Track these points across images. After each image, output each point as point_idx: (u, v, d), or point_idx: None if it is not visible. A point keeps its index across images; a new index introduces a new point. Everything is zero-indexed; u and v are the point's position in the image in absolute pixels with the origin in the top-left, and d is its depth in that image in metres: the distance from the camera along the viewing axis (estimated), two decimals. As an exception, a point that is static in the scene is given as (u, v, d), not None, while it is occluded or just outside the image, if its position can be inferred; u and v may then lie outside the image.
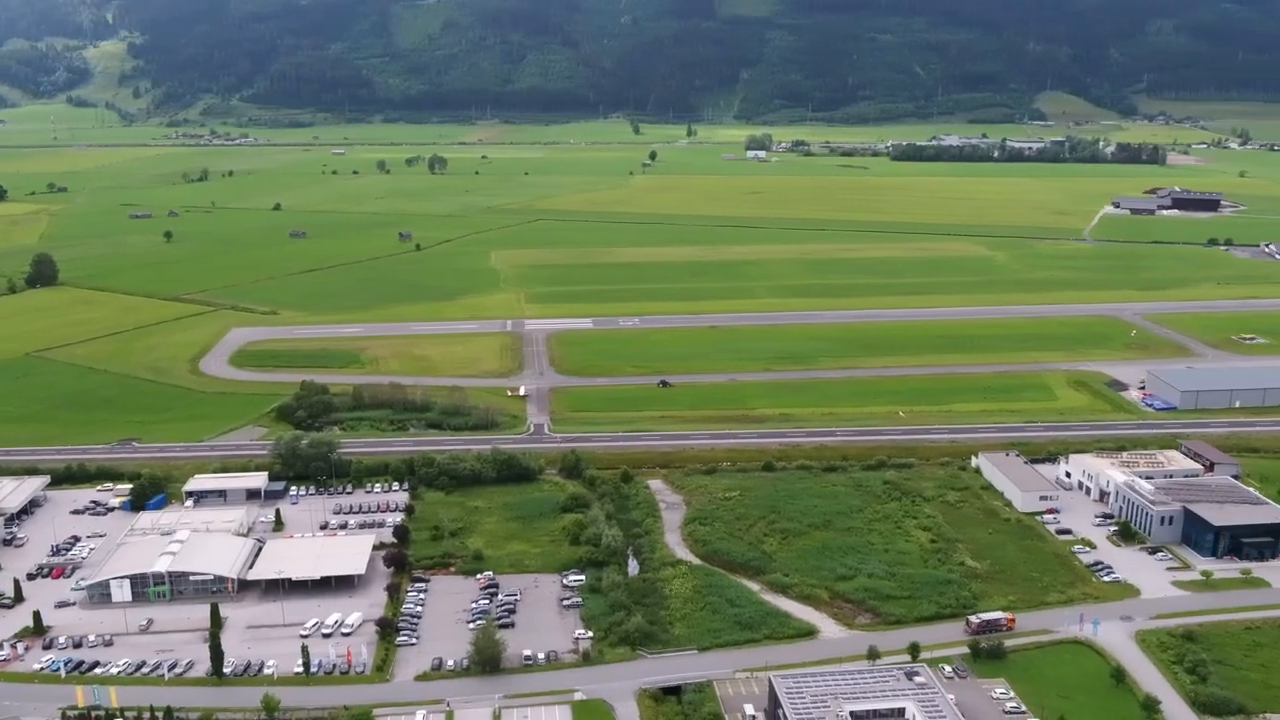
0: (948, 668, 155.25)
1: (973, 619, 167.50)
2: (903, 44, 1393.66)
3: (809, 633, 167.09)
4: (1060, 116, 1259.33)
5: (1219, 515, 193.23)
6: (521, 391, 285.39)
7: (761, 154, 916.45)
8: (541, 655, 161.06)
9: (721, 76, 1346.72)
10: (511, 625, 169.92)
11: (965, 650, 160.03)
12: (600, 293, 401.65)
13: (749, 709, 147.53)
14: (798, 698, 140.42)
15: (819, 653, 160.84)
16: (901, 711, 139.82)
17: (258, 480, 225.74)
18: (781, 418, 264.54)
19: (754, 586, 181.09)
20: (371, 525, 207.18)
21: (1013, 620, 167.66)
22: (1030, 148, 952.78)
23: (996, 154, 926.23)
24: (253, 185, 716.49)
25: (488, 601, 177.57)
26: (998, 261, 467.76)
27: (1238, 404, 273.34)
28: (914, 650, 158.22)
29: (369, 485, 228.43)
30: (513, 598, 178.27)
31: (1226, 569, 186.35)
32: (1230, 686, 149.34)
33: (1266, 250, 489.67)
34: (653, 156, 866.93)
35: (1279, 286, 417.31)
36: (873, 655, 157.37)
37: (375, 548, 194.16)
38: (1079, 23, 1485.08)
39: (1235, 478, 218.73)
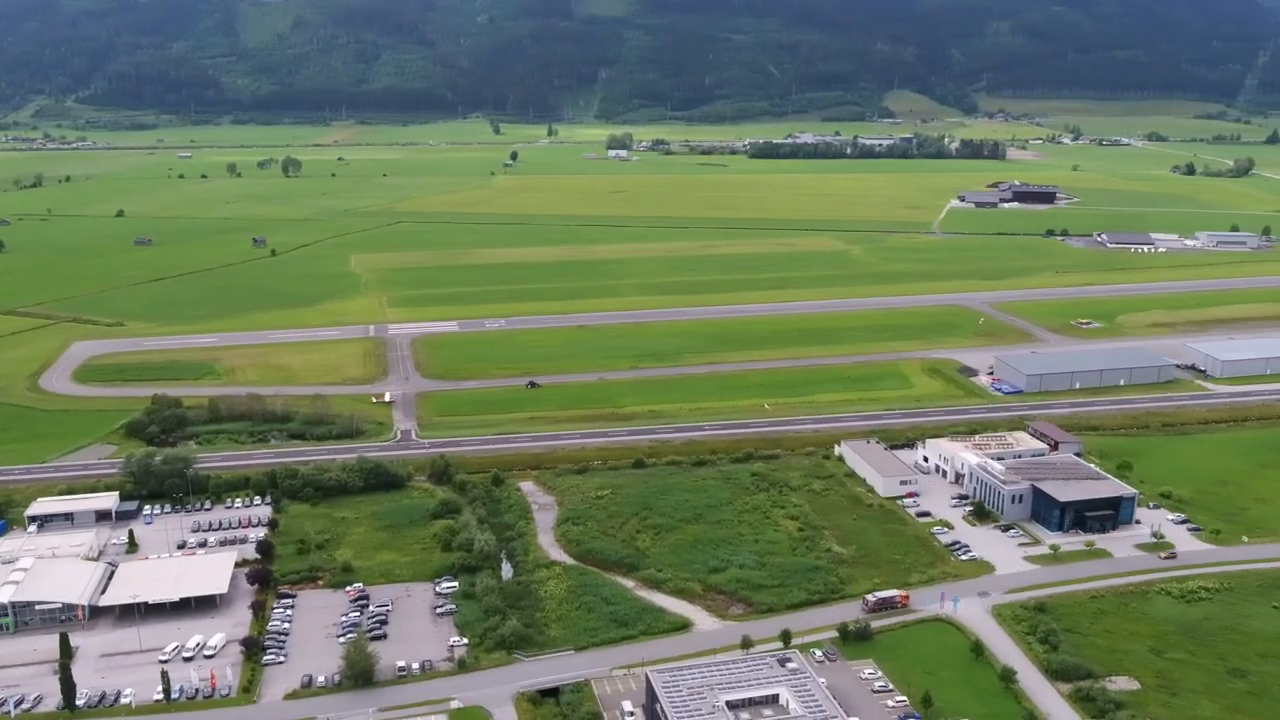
0: (818, 652, 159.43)
1: (869, 597, 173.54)
2: (756, 44, 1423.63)
3: (683, 626, 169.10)
4: (908, 114, 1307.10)
5: (1064, 491, 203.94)
6: (387, 398, 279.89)
7: (623, 153, 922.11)
8: (416, 665, 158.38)
9: (580, 76, 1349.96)
10: (384, 637, 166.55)
11: (835, 634, 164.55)
12: (465, 295, 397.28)
13: (627, 705, 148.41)
14: (674, 691, 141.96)
15: (694, 645, 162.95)
16: (776, 697, 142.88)
17: (108, 501, 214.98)
18: (651, 415, 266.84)
19: (628, 583, 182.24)
20: (233, 542, 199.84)
21: (906, 598, 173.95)
22: (881, 144, 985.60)
23: (849, 151, 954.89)
24: (93, 191, 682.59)
25: (359, 614, 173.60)
26: (853, 255, 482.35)
27: (1078, 385, 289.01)
28: (786, 637, 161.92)
29: (229, 501, 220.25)
30: (384, 608, 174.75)
31: (1072, 542, 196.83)
32: (1079, 652, 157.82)
33: (1099, 240, 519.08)
34: (514, 156, 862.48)
35: (1110, 274, 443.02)
36: (746, 644, 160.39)
37: (238, 565, 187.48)
38: (923, 24, 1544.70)
39: (1078, 455, 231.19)
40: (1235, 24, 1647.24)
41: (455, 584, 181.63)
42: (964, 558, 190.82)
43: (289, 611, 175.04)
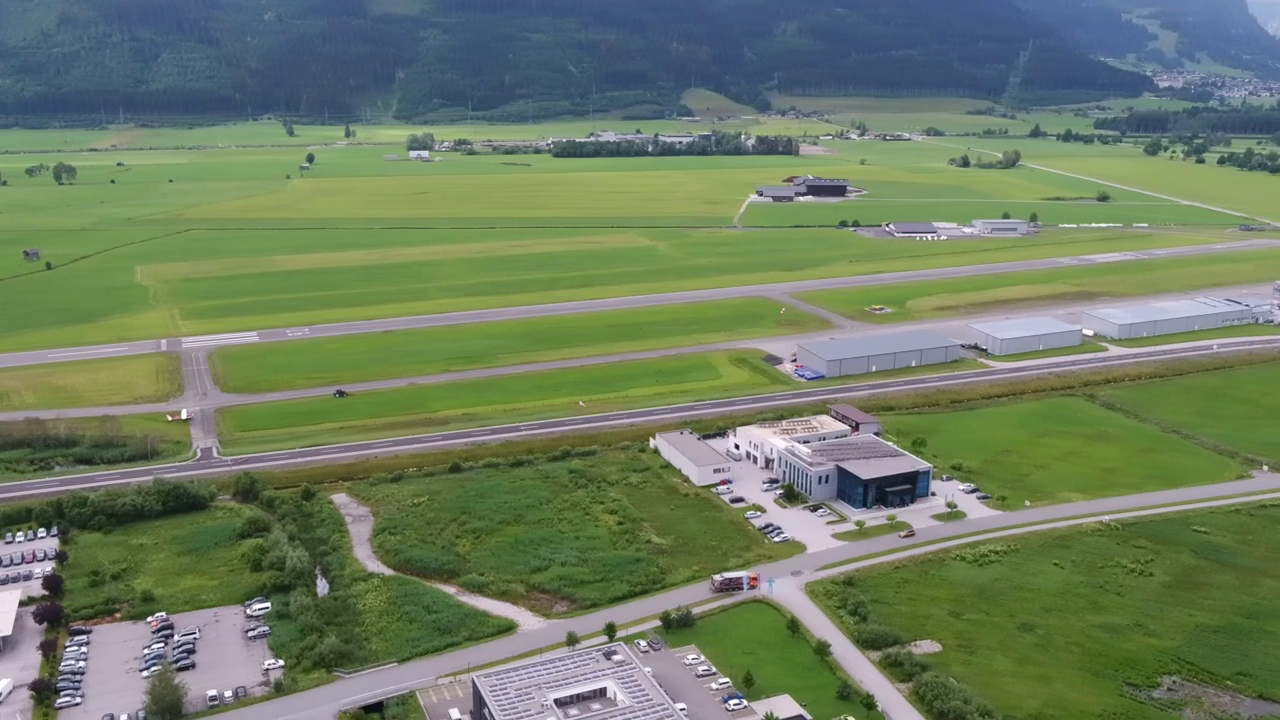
0: (643, 642, 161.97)
1: (716, 578, 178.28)
2: (555, 43, 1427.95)
3: (508, 628, 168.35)
4: (705, 112, 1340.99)
5: (866, 469, 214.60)
6: (183, 415, 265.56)
7: (424, 154, 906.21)
8: (229, 693, 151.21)
9: (377, 75, 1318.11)
10: (192, 666, 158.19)
11: (658, 623, 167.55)
12: (265, 304, 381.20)
13: (455, 713, 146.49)
14: (501, 694, 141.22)
15: (520, 646, 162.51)
16: (604, 691, 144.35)
17: None
18: (465, 418, 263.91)
19: (450, 590, 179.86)
20: (16, 579, 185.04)
21: (755, 579, 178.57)
22: (681, 142, 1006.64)
23: (651, 149, 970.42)
24: None
25: (163, 645, 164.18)
26: (660, 251, 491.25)
27: (874, 368, 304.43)
28: (610, 630, 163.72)
29: (9, 535, 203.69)
30: (191, 637, 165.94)
31: (875, 517, 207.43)
32: (886, 621, 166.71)
33: (887, 230, 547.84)
34: (310, 159, 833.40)
35: (899, 261, 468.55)
36: (572, 641, 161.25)
37: (23, 603, 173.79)
38: (716, 24, 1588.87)
39: (877, 434, 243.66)
40: (999, 26, 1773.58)
41: (268, 605, 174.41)
42: (777, 539, 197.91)
43: (84, 649, 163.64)
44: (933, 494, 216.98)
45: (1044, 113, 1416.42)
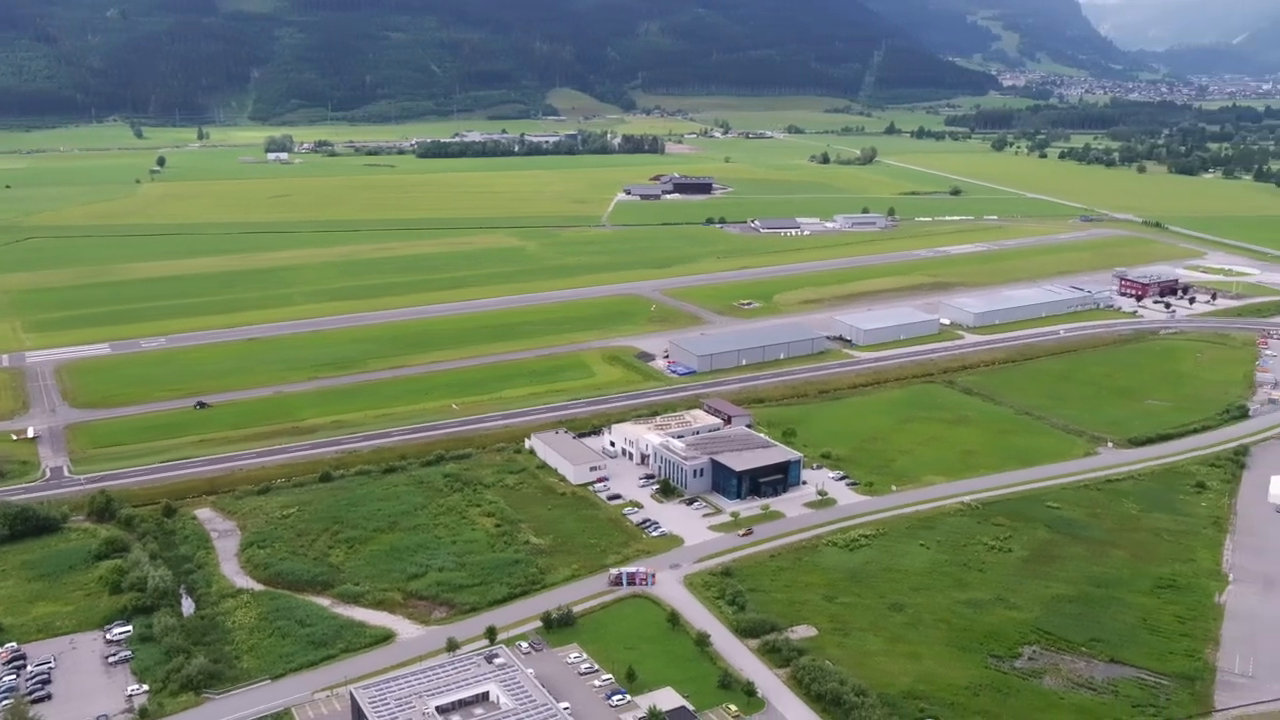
0: (524, 644, 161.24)
1: (613, 571, 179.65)
2: (416, 42, 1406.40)
3: (386, 638, 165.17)
4: (571, 112, 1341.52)
5: (739, 461, 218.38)
6: (30, 433, 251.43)
7: (283, 156, 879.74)
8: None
9: (230, 75, 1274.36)
10: (48, 698, 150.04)
11: (539, 624, 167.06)
12: (117, 314, 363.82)
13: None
14: (381, 705, 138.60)
15: (399, 655, 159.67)
16: (486, 695, 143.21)
17: None
18: (335, 425, 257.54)
19: (324, 602, 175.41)
20: None
21: (651, 574, 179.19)
22: (547, 141, 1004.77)
23: (517, 148, 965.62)
24: None
25: (14, 677, 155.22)
26: (529, 251, 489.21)
27: (744, 362, 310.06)
28: (491, 634, 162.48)
29: None
30: (46, 666, 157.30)
31: (750, 508, 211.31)
32: (764, 609, 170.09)
33: (752, 225, 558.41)
34: (161, 162, 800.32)
35: (765, 257, 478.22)
36: (452, 646, 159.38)
37: None
38: (579, 23, 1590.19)
39: (749, 426, 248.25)
40: (853, 27, 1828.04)
41: (129, 628, 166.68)
42: (655, 534, 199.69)
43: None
44: (804, 482, 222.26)
45: (898, 111, 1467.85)
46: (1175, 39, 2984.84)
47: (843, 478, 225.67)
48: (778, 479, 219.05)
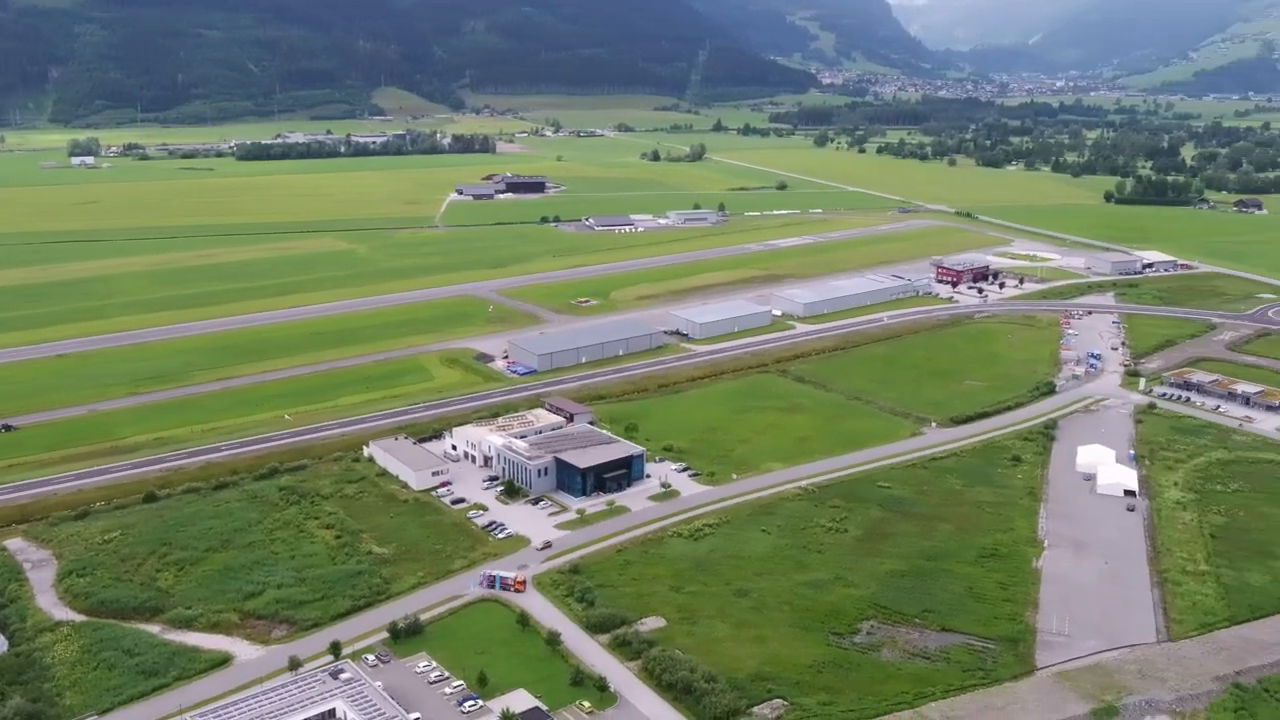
0: (371, 656, 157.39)
1: (485, 574, 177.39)
2: (231, 40, 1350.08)
3: (223, 661, 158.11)
4: (398, 111, 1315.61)
5: (583, 458, 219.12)
6: None
7: (90, 160, 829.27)
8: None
9: (26, 75, 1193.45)
10: None
11: (386, 635, 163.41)
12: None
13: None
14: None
15: (237, 679, 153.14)
16: (332, 712, 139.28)
17: None
18: (158, 442, 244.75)
19: (154, 629, 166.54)
20: None
21: (522, 582, 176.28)
22: (375, 142, 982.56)
23: (343, 149, 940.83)
24: None
25: None
26: (360, 254, 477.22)
27: (584, 359, 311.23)
28: (335, 649, 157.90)
29: None
30: None
31: (595, 504, 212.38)
32: (613, 603, 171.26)
33: (587, 223, 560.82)
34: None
35: (600, 254, 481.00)
36: (294, 665, 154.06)
37: None
38: (402, 21, 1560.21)
39: (591, 423, 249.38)
40: (678, 27, 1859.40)
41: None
42: (501, 536, 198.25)
43: None
44: (648, 476, 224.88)
45: (724, 108, 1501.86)
46: (978, 39, 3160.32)
47: (685, 469, 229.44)
48: (622, 474, 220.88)
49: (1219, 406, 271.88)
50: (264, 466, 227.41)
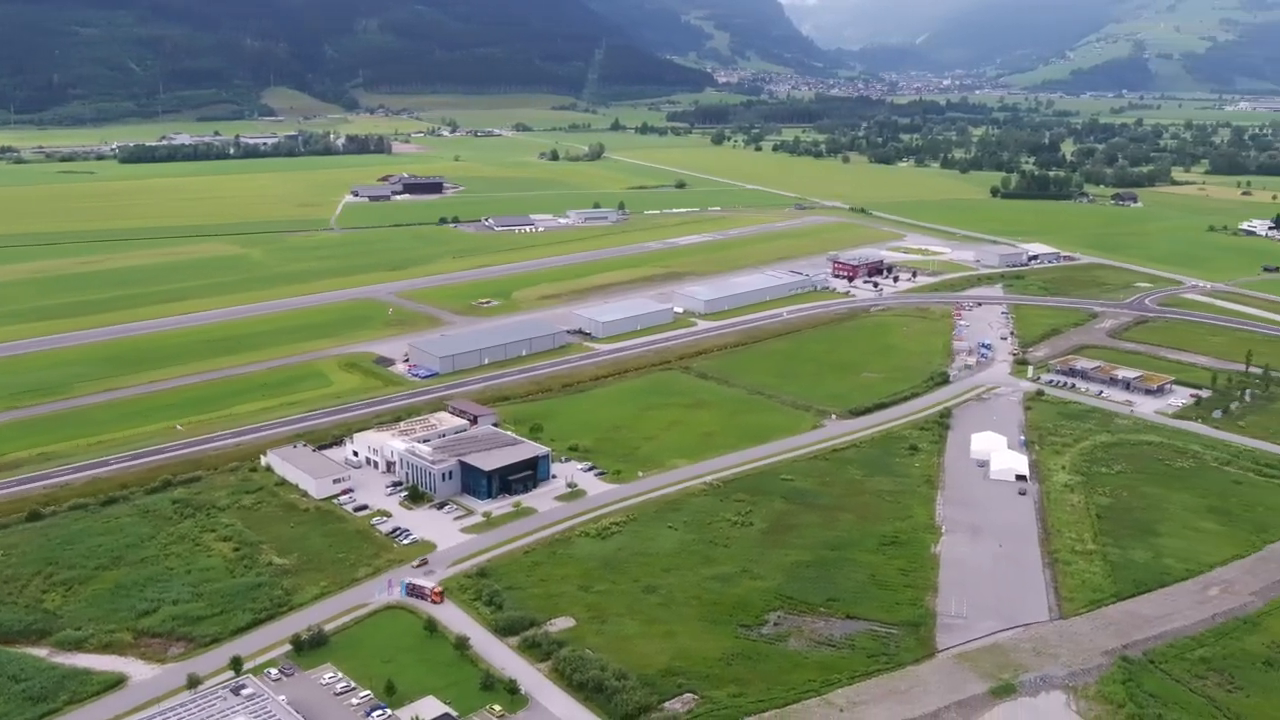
0: (274, 670, 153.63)
1: (407, 582, 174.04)
2: (110, 38, 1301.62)
3: (118, 683, 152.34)
4: (289, 112, 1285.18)
5: (488, 461, 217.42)
6: None
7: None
8: None
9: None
10: None
11: (289, 647, 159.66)
12: None
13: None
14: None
15: (133, 700, 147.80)
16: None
17: None
18: (41, 458, 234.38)
19: (41, 652, 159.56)
20: None
21: (439, 593, 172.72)
22: (266, 143, 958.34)
23: (233, 151, 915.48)
24: None
25: None
26: (254, 258, 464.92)
27: (486, 361, 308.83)
28: (237, 664, 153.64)
29: None
30: None
31: (502, 506, 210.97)
32: (522, 605, 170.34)
33: (487, 224, 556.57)
34: None
35: (501, 254, 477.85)
36: (193, 683, 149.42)
37: None
38: (292, 20, 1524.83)
39: (495, 425, 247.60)
40: (574, 25, 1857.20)
41: None
42: (406, 542, 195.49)
43: None
44: (554, 476, 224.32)
45: (621, 107, 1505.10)
46: (868, 39, 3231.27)
47: (591, 468, 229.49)
48: (527, 475, 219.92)
49: (1102, 392, 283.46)
50: (155, 480, 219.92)
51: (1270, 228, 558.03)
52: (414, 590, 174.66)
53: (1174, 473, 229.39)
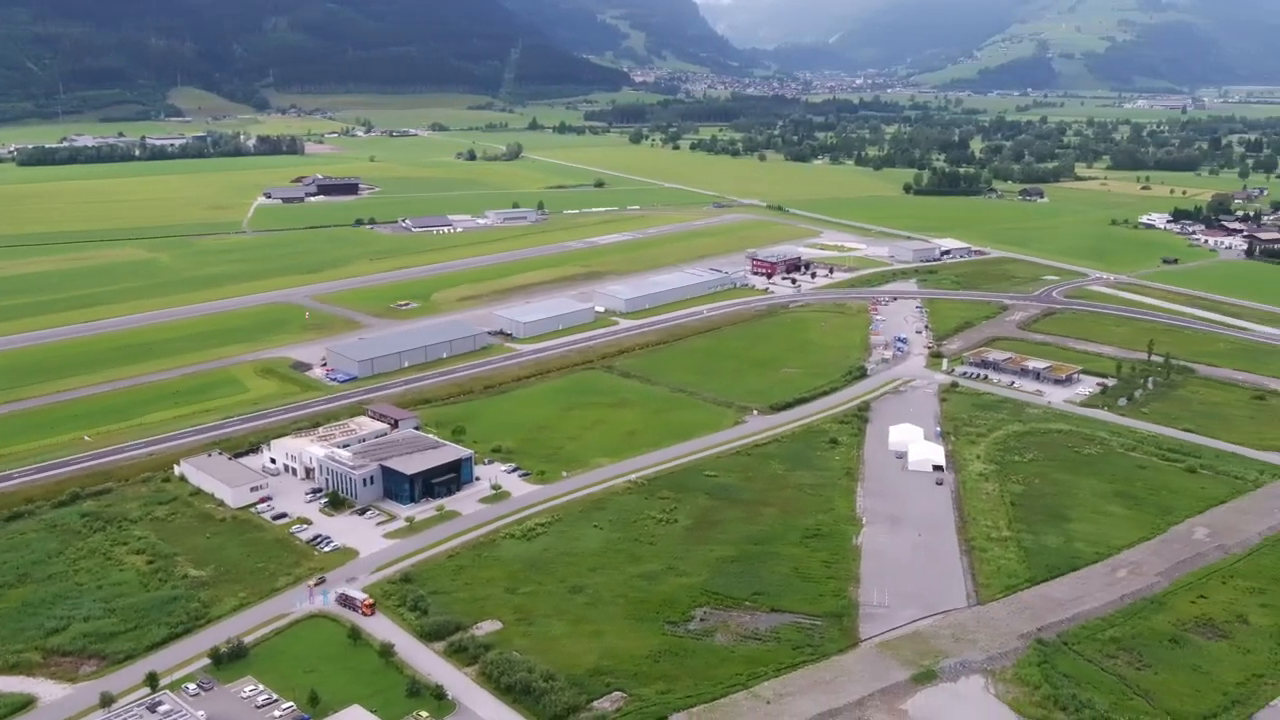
0: (192, 685, 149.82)
1: (341, 593, 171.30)
2: (6, 37, 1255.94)
3: (26, 704, 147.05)
4: (197, 112, 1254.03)
5: (410, 465, 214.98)
6: None
7: None
8: None
9: None
10: None
11: (208, 661, 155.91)
12: None
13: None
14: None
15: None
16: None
17: None
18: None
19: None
20: None
21: (370, 606, 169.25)
22: (174, 144, 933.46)
23: (139, 153, 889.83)
24: None
25: None
26: (163, 263, 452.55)
27: (407, 364, 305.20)
28: (152, 680, 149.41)
29: None
30: None
31: (425, 510, 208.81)
32: (447, 610, 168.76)
33: (404, 225, 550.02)
34: None
35: (419, 256, 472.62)
36: (106, 701, 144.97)
37: None
38: (198, 19, 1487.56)
39: (417, 429, 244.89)
40: (490, 24, 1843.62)
41: None
42: (327, 549, 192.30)
43: None
44: (477, 479, 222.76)
45: (539, 107, 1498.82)
46: (782, 38, 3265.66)
47: (515, 469, 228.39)
48: (450, 478, 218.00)
49: (1013, 382, 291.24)
50: (63, 492, 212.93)
51: (1168, 221, 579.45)
52: (345, 601, 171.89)
53: (1083, 459, 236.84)
